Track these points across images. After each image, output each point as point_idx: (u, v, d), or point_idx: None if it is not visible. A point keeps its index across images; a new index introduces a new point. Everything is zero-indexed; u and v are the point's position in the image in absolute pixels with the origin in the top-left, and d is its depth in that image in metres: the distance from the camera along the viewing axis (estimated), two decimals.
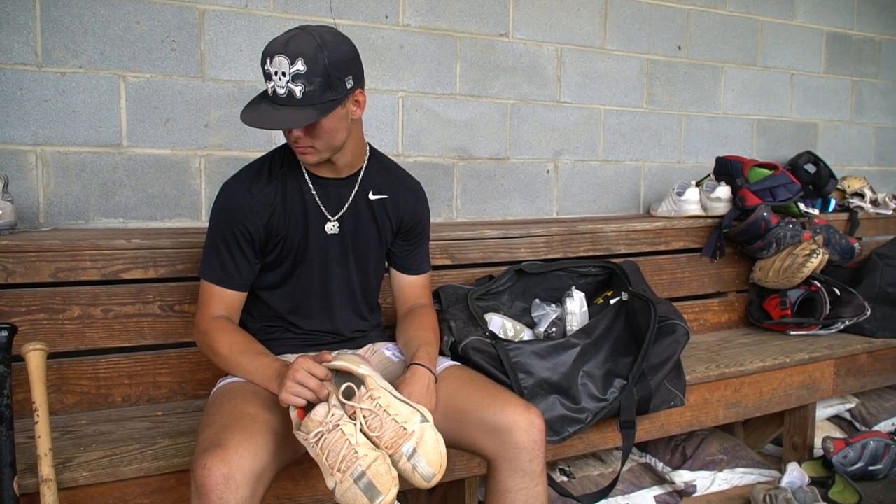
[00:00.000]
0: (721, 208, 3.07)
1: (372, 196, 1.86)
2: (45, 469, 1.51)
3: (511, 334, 2.26)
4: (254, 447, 1.43)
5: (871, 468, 2.70)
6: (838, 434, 2.99)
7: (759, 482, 2.65)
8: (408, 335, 1.86)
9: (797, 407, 2.75)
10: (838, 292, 2.96)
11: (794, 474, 2.56)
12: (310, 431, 1.46)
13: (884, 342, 2.91)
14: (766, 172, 3.08)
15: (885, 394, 3.21)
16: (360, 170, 1.85)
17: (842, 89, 4.17)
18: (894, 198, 3.79)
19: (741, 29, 3.74)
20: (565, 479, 2.44)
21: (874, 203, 3.71)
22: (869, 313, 2.87)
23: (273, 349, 1.74)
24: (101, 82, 2.37)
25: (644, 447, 2.66)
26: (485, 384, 1.80)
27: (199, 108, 2.52)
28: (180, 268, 2.10)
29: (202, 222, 2.50)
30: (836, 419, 3.14)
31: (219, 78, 2.55)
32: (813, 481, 2.61)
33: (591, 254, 2.76)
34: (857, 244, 3.24)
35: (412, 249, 1.97)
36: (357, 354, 1.78)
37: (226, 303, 1.77)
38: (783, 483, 2.54)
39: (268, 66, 1.57)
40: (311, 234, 1.80)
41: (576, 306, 2.32)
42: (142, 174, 2.46)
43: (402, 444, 1.47)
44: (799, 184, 3.10)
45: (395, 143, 2.88)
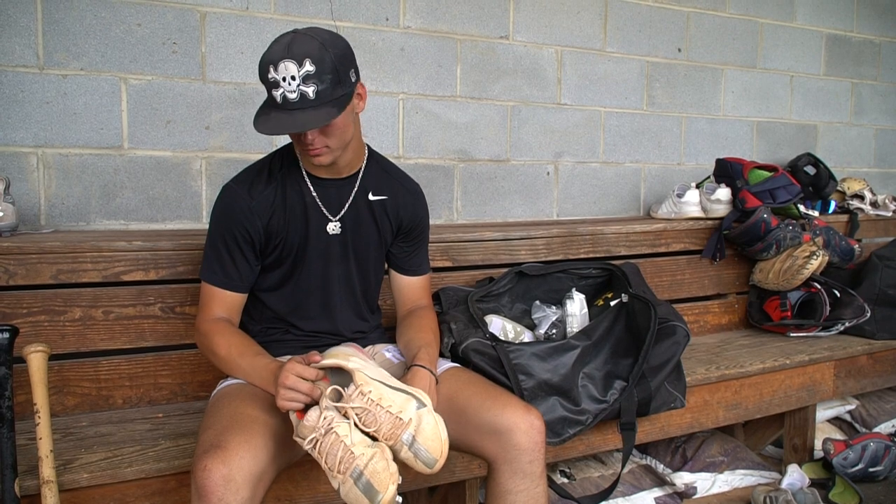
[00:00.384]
0: (721, 210, 3.07)
1: (372, 196, 1.87)
2: (47, 471, 1.51)
3: (511, 336, 2.26)
4: (254, 448, 1.43)
5: (871, 470, 2.71)
6: (838, 436, 2.99)
7: (760, 484, 2.65)
8: (408, 337, 1.86)
9: (797, 408, 2.75)
10: (838, 294, 2.96)
11: (795, 476, 2.56)
12: (305, 437, 1.46)
13: (884, 344, 2.91)
14: (766, 174, 3.08)
15: (885, 395, 3.21)
16: (359, 170, 1.86)
17: (842, 91, 4.18)
18: (894, 199, 3.79)
19: (741, 31, 3.74)
20: (566, 480, 2.44)
21: (874, 205, 3.72)
22: (869, 315, 2.87)
23: (273, 351, 1.75)
24: (103, 84, 2.38)
25: (644, 449, 2.66)
26: (485, 386, 1.80)
27: (199, 110, 2.53)
28: (181, 269, 2.10)
29: (203, 224, 2.51)
30: (837, 421, 3.14)
31: (220, 80, 2.55)
32: (813, 483, 2.62)
33: (591, 255, 2.77)
34: (857, 246, 3.24)
35: (411, 251, 1.97)
36: (349, 345, 1.75)
37: (226, 305, 1.77)
38: (783, 485, 2.54)
39: (272, 73, 1.55)
40: (312, 234, 1.81)
41: (576, 308, 2.32)
42: (143, 176, 2.46)
43: (401, 434, 1.46)
44: (799, 186, 3.10)
45: (396, 145, 2.89)
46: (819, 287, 2.95)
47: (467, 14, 2.99)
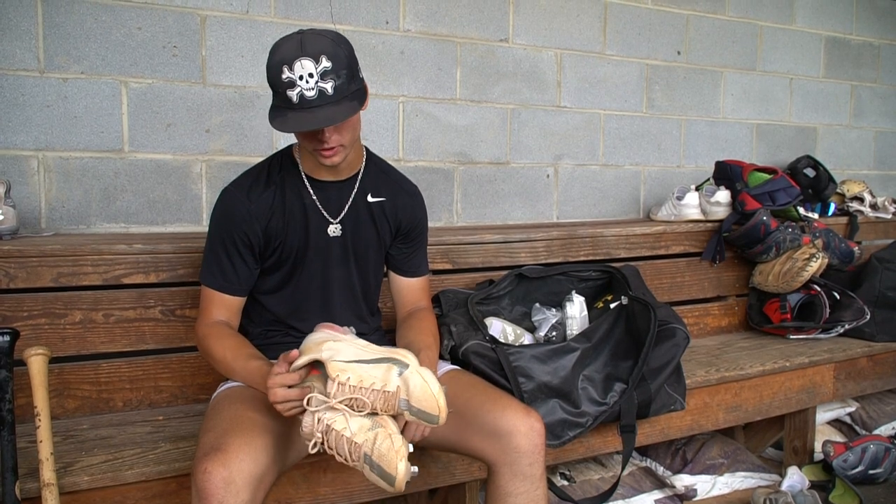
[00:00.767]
0: (721, 212, 3.07)
1: (370, 198, 1.87)
2: (47, 473, 1.51)
3: (511, 338, 2.27)
4: (254, 451, 1.43)
5: (871, 472, 2.70)
6: (838, 438, 2.99)
7: (760, 486, 2.65)
8: (408, 339, 1.86)
9: (797, 411, 2.75)
10: (838, 296, 2.97)
11: (795, 478, 2.56)
12: (310, 441, 1.46)
13: (883, 346, 2.91)
14: (766, 177, 3.08)
15: (885, 397, 3.21)
16: (358, 171, 1.86)
17: (841, 93, 4.18)
18: (894, 202, 3.79)
19: (740, 34, 3.75)
20: (566, 483, 2.44)
21: (874, 207, 3.72)
22: (868, 317, 2.88)
23: (273, 353, 1.74)
24: (103, 88, 2.39)
25: (644, 451, 2.66)
26: (485, 388, 1.80)
27: (200, 113, 2.53)
28: (181, 272, 2.10)
29: (203, 227, 2.51)
30: (837, 423, 3.14)
31: (220, 83, 2.56)
32: (813, 485, 2.61)
33: (591, 258, 2.77)
34: (857, 248, 3.25)
35: (410, 252, 1.97)
36: (320, 327, 1.66)
37: (225, 308, 1.78)
38: (784, 487, 2.54)
39: (287, 73, 1.54)
40: (312, 237, 1.81)
41: (576, 310, 2.32)
42: (143, 179, 2.47)
43: (395, 404, 1.44)
44: (798, 188, 3.10)
45: (396, 148, 2.89)
46: (819, 289, 2.95)
47: (467, 17, 3.00)
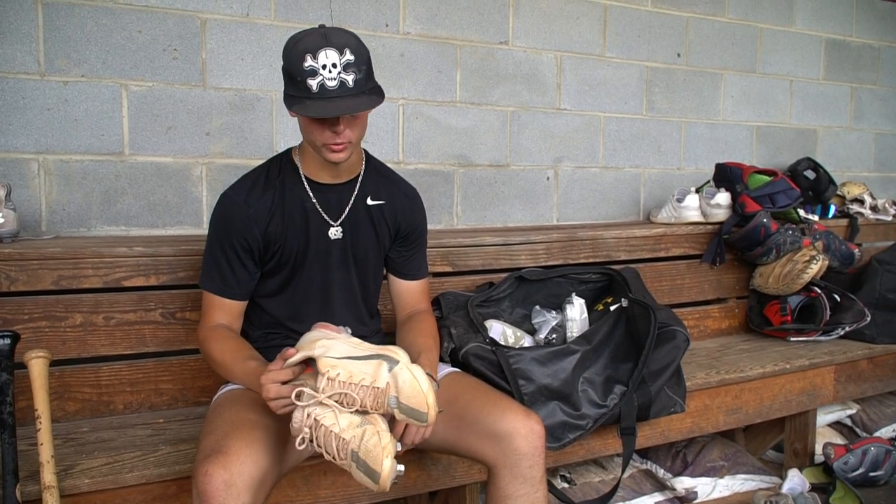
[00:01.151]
0: (721, 215, 3.07)
1: (370, 201, 1.87)
2: (48, 476, 1.51)
3: (511, 341, 2.27)
4: (255, 453, 1.44)
5: (871, 474, 2.70)
6: (839, 440, 2.99)
7: (760, 488, 2.65)
8: (408, 342, 1.86)
9: (798, 413, 2.75)
10: (838, 298, 2.96)
11: (795, 480, 2.56)
12: (296, 439, 1.46)
13: (884, 348, 2.91)
14: (766, 179, 3.08)
15: (885, 400, 3.21)
16: (358, 174, 1.87)
17: (841, 96, 4.18)
18: (894, 204, 3.79)
19: (740, 36, 3.75)
20: (566, 485, 2.44)
21: (874, 209, 3.72)
22: (869, 319, 2.87)
23: (274, 356, 1.74)
24: (104, 91, 2.39)
25: (645, 453, 2.66)
26: (485, 391, 1.80)
27: (200, 116, 2.53)
28: (182, 275, 2.10)
29: (203, 230, 2.51)
30: (837, 425, 3.14)
31: (220, 86, 2.56)
32: (814, 487, 2.61)
33: (591, 260, 2.77)
34: (857, 250, 3.24)
35: (409, 255, 1.98)
36: (316, 326, 1.68)
37: (226, 311, 1.78)
38: (784, 489, 2.54)
39: (310, 62, 1.56)
40: (312, 240, 1.81)
41: (576, 313, 2.33)
42: (143, 182, 2.47)
43: (385, 402, 1.44)
44: (798, 190, 3.10)
45: (396, 151, 2.89)
46: (819, 291, 2.95)
47: (467, 20, 3.00)
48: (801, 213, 3.18)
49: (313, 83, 1.56)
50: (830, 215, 3.63)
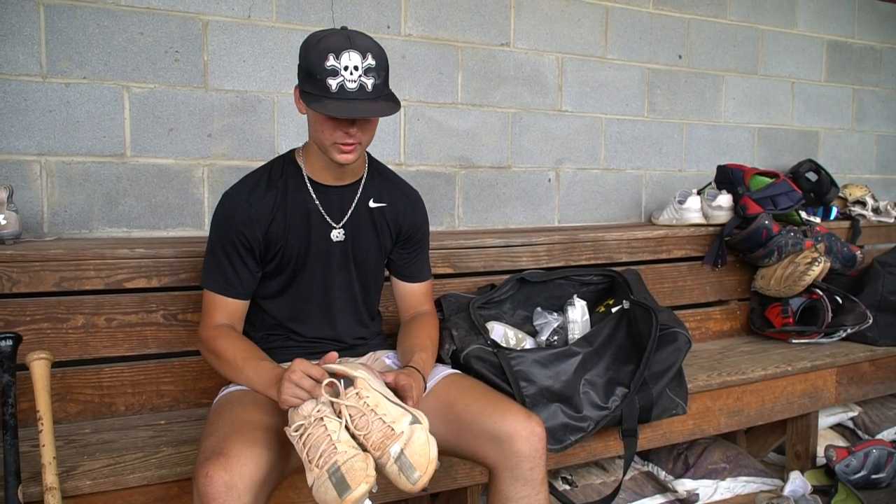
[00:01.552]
0: (722, 216, 3.07)
1: (372, 204, 1.88)
2: (50, 477, 1.52)
3: (513, 343, 2.27)
4: (256, 455, 1.43)
5: (873, 477, 2.70)
6: (841, 442, 2.98)
7: (762, 491, 2.64)
8: (406, 344, 1.87)
9: (799, 415, 2.75)
10: (840, 300, 2.96)
11: (797, 483, 2.56)
12: (293, 423, 1.46)
13: (886, 350, 2.91)
14: (768, 181, 3.08)
15: (887, 402, 3.20)
16: (361, 177, 1.87)
17: (843, 97, 4.18)
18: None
19: (742, 38, 3.75)
20: (567, 487, 2.43)
21: (876, 211, 3.72)
22: (871, 321, 2.87)
23: (275, 357, 1.75)
24: (105, 93, 2.39)
25: (646, 455, 2.66)
26: (486, 392, 1.80)
27: (202, 117, 2.54)
28: (183, 277, 2.10)
29: (205, 231, 2.52)
30: (839, 427, 3.13)
31: (222, 88, 2.56)
32: (815, 490, 2.61)
33: (592, 262, 2.77)
34: (859, 252, 3.24)
35: (411, 257, 1.98)
36: (361, 364, 1.75)
37: (228, 311, 1.78)
38: (786, 492, 2.53)
39: (333, 62, 1.57)
40: (314, 241, 1.81)
41: (577, 315, 2.32)
42: (145, 184, 2.47)
43: (390, 446, 1.43)
44: (800, 192, 3.10)
45: (398, 152, 2.90)
46: (821, 293, 2.95)
47: (468, 21, 3.01)
48: (803, 215, 3.18)
49: (333, 83, 1.58)
50: (832, 217, 3.63)
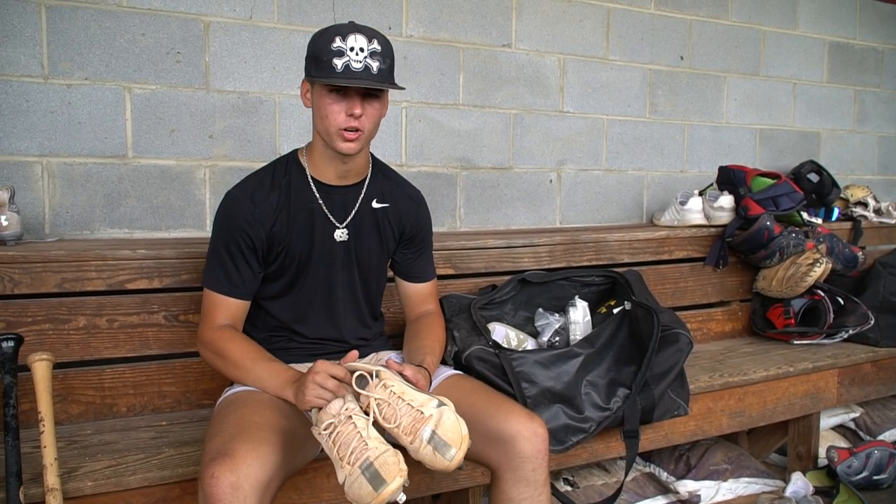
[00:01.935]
0: (724, 217, 3.07)
1: (375, 204, 1.88)
2: (51, 478, 1.51)
3: (514, 343, 2.27)
4: (261, 456, 1.43)
5: (875, 478, 2.70)
6: (843, 443, 2.98)
7: (764, 492, 2.64)
8: (413, 344, 1.87)
9: (801, 416, 2.75)
10: (842, 301, 2.96)
11: (799, 484, 2.56)
12: (322, 423, 1.46)
13: (888, 351, 2.91)
14: (769, 182, 3.08)
15: (889, 403, 3.20)
16: (365, 177, 1.87)
17: (844, 98, 4.18)
18: None
19: (743, 39, 3.75)
20: (569, 488, 2.43)
21: (877, 212, 3.71)
22: (872, 322, 2.87)
23: (278, 358, 1.75)
24: (107, 94, 2.39)
25: (648, 456, 2.66)
26: (487, 393, 1.80)
27: (203, 118, 2.54)
28: (185, 278, 2.11)
29: (207, 232, 2.52)
30: (841, 428, 3.13)
31: (223, 89, 2.56)
32: (817, 491, 2.61)
33: (594, 263, 2.77)
34: (861, 253, 3.24)
35: (415, 258, 1.98)
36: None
37: (230, 312, 1.77)
38: (787, 493, 2.53)
39: (339, 43, 1.61)
40: (317, 241, 1.81)
41: (579, 315, 2.32)
42: (147, 185, 2.47)
43: (421, 429, 1.44)
44: (802, 193, 3.10)
45: (399, 153, 2.90)
46: (823, 294, 2.95)
47: (470, 22, 3.01)
48: (805, 216, 3.18)
49: (339, 62, 1.61)
50: (834, 218, 3.63)
